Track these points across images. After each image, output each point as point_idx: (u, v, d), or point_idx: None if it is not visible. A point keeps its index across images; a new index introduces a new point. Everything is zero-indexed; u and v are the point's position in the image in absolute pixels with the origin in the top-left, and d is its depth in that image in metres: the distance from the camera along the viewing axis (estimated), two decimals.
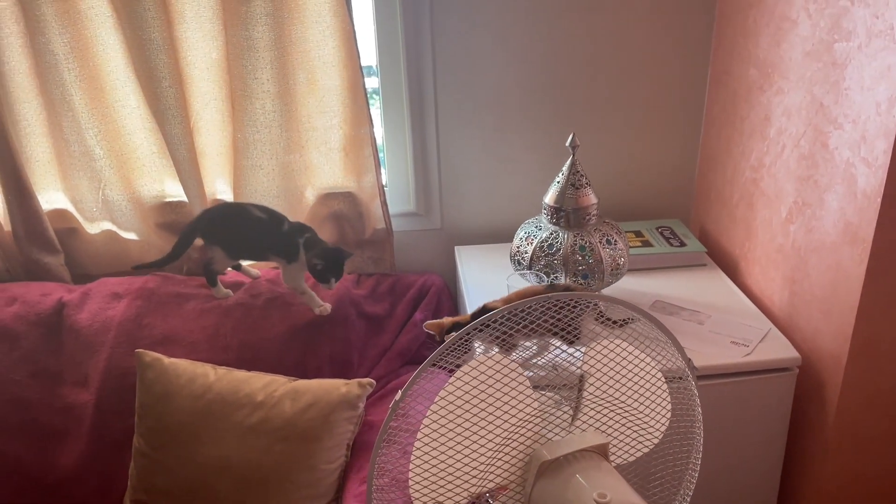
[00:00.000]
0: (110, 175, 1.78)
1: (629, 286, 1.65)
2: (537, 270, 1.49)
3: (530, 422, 0.95)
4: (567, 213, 1.48)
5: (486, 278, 1.75)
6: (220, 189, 1.85)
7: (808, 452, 1.53)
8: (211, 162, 1.81)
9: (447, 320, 1.34)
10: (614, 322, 1.21)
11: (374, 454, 0.96)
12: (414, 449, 0.91)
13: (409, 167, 1.92)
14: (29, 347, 1.66)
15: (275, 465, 1.48)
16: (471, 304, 1.75)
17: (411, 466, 0.90)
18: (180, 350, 1.64)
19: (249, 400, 1.53)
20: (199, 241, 1.77)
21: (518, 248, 1.53)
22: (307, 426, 1.50)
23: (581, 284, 1.47)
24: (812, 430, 1.51)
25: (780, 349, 1.47)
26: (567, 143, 1.47)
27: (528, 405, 0.94)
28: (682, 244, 1.79)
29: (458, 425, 0.90)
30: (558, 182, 1.50)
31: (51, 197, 1.83)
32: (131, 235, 1.86)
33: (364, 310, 1.82)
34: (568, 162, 1.49)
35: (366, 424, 1.60)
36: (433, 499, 0.89)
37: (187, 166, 1.74)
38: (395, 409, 0.91)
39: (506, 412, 0.93)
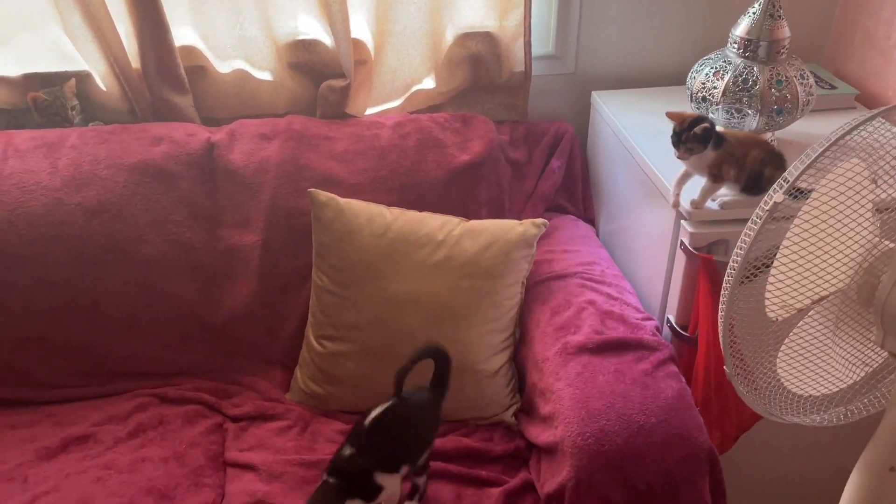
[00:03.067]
0: (251, 8, 1.66)
1: (796, 128, 1.64)
2: (728, 106, 1.47)
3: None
4: (761, 46, 1.45)
5: (634, 120, 1.72)
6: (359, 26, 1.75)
7: None
8: None
9: (688, 113, 1.37)
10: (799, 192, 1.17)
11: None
12: (782, 248, 0.90)
13: (553, 4, 1.84)
14: (185, 188, 1.61)
15: (463, 300, 1.50)
16: (608, 149, 1.75)
17: (775, 264, 0.90)
18: (343, 192, 1.61)
19: (430, 239, 1.53)
20: None
21: (704, 84, 1.51)
22: (490, 263, 1.51)
23: (775, 122, 1.47)
24: None
25: None
26: None
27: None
28: (832, 87, 1.78)
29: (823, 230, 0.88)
30: (753, 13, 1.46)
31: (178, 33, 1.71)
32: (264, 75, 1.77)
33: (508, 155, 1.80)
34: None
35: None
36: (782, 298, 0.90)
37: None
38: (774, 211, 0.88)
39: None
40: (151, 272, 1.58)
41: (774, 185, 0.92)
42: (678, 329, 1.48)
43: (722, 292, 1.00)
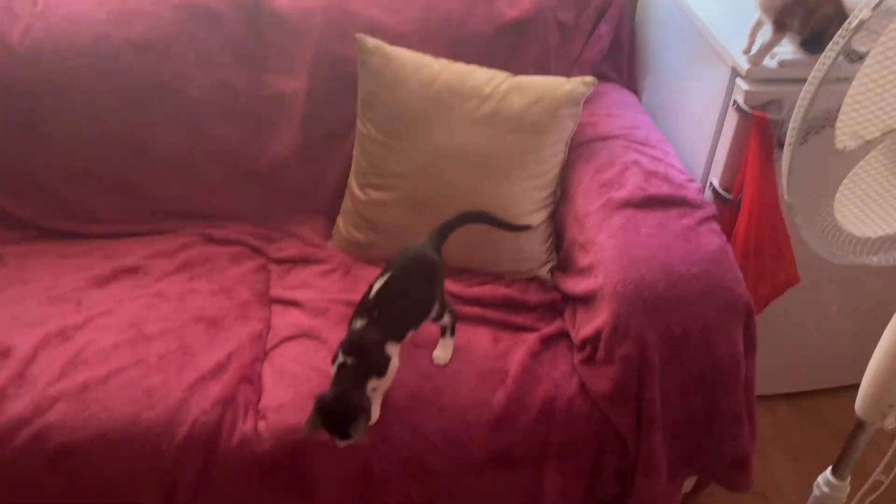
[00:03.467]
0: None
1: None
2: None
3: None
4: None
5: None
6: None
7: None
8: None
9: None
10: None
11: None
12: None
13: None
14: (230, 29, 1.59)
15: (507, 154, 1.51)
16: (660, 12, 1.70)
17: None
18: (389, 41, 1.58)
19: (477, 92, 1.52)
20: None
21: None
22: (536, 119, 1.51)
23: None
24: None
25: None
26: None
27: None
28: None
29: None
30: None
31: None
32: None
33: (557, 16, 1.76)
34: None
35: None
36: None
37: None
38: (858, 29, 0.86)
39: None
40: (198, 113, 1.59)
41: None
42: (721, 192, 1.49)
43: (787, 139, 0.99)
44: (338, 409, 1.18)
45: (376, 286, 1.27)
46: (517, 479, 1.37)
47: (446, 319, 1.37)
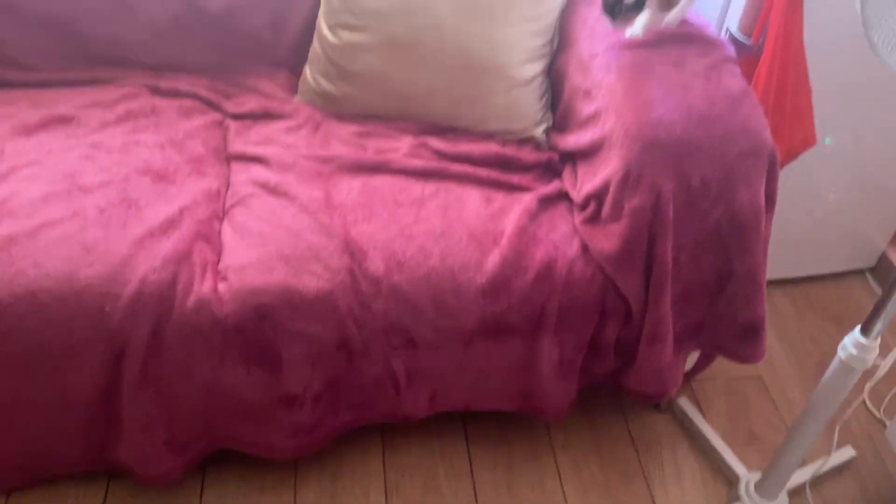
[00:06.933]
0: None
1: None
2: None
3: None
4: None
5: None
6: None
7: None
8: None
9: None
10: None
11: None
12: None
13: None
14: None
15: None
16: None
17: None
18: None
19: None
20: None
21: None
22: None
23: None
24: None
25: None
26: None
27: None
28: None
29: None
30: None
31: None
32: None
33: None
34: None
35: None
36: None
37: None
38: None
39: None
40: None
41: None
42: (740, 37, 1.33)
43: None
44: None
45: None
46: (510, 351, 1.24)
47: None
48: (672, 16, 1.26)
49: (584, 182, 1.24)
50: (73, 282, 1.05)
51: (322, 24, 1.38)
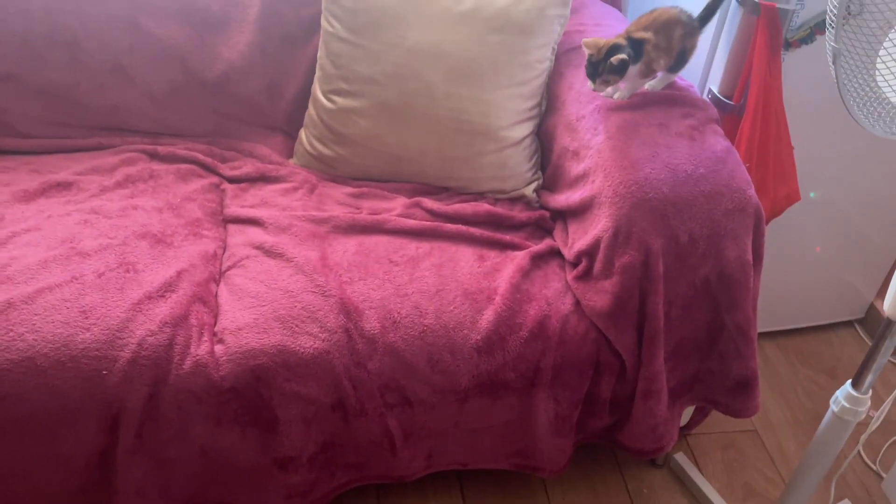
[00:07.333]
0: None
1: None
2: None
3: None
4: None
5: None
6: None
7: None
8: None
9: (603, 40, 1.25)
10: None
11: None
12: None
13: None
14: None
15: (490, 56, 1.37)
16: None
17: None
18: None
19: None
20: None
21: None
22: (522, 18, 1.37)
23: None
24: None
25: None
26: None
27: None
28: None
29: None
30: None
31: None
32: None
33: None
34: None
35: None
36: None
37: None
38: None
39: None
40: (138, 9, 1.40)
41: None
42: (722, 98, 1.37)
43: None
44: None
45: None
46: (505, 408, 1.24)
47: None
48: (651, 85, 1.32)
49: (575, 239, 1.27)
50: (71, 346, 1.05)
51: (317, 91, 1.42)
